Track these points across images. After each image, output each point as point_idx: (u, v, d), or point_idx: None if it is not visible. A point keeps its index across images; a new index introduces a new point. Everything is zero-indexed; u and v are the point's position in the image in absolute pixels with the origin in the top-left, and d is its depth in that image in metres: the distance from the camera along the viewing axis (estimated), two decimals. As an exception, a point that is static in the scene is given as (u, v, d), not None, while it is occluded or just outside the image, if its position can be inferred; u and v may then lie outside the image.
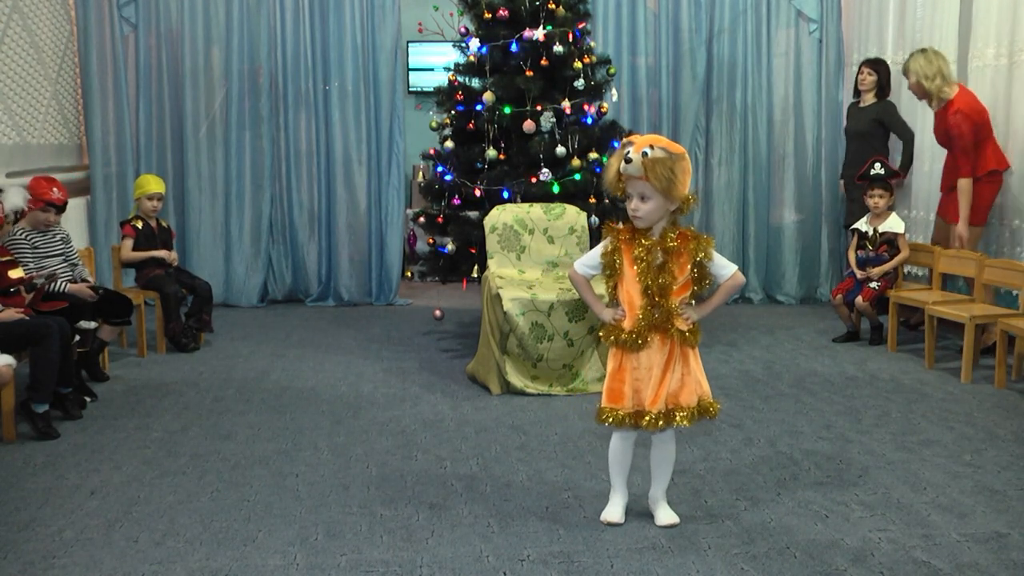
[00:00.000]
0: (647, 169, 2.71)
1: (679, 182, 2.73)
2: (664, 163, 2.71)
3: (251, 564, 2.77)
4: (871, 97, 6.39)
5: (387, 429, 4.08)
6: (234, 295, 7.11)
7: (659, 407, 2.86)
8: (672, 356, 2.88)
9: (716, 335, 6.04)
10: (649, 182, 2.73)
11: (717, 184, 7.29)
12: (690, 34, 7.15)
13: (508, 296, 4.54)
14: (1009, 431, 4.02)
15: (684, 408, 2.88)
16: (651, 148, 2.72)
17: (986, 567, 2.73)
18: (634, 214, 2.80)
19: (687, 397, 2.90)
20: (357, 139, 7.10)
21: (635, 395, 2.90)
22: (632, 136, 2.86)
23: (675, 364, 2.89)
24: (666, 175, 2.70)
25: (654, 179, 2.71)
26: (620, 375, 2.91)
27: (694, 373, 2.92)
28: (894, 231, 5.69)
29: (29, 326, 3.99)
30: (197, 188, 7.03)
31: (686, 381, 2.90)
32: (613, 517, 3.04)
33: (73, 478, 3.48)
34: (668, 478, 3.07)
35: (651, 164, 2.70)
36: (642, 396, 2.89)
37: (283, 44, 7.00)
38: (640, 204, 2.79)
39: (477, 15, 5.54)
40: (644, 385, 2.89)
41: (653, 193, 2.75)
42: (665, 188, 2.72)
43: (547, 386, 4.64)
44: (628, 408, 2.90)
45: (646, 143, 2.75)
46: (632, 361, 2.90)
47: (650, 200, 2.77)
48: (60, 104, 6.53)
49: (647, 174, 2.71)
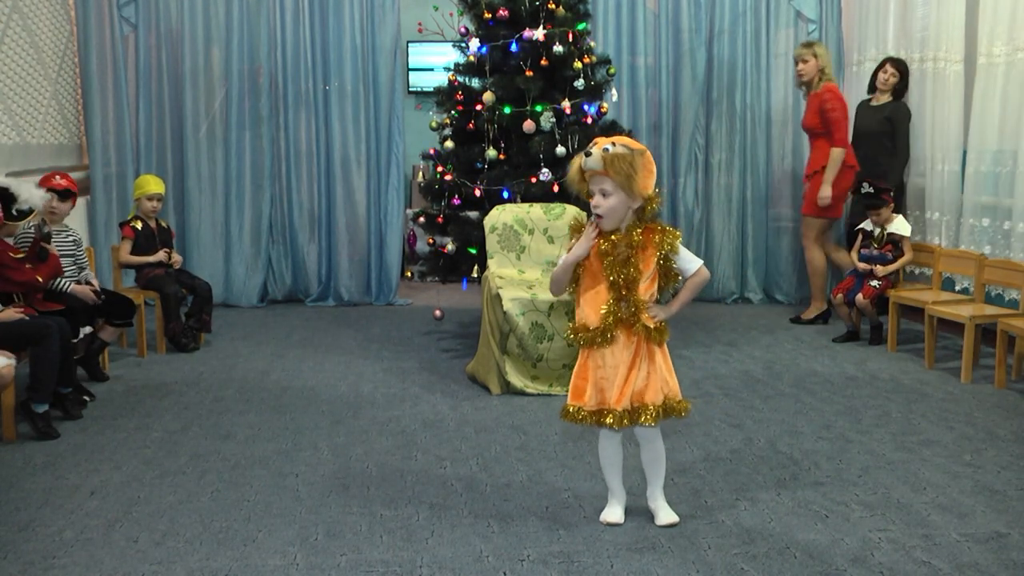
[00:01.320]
0: (606, 163, 2.75)
1: (639, 177, 2.76)
2: (624, 158, 2.75)
3: (251, 564, 2.77)
4: (886, 96, 6.27)
5: (387, 429, 4.08)
6: (234, 295, 7.11)
7: (624, 405, 2.85)
8: (638, 354, 2.88)
9: (716, 335, 6.04)
10: (609, 176, 2.76)
11: (716, 184, 7.30)
12: (690, 34, 7.15)
13: (508, 296, 4.55)
14: (1009, 431, 4.02)
15: (649, 406, 2.86)
16: (612, 145, 2.77)
17: (986, 567, 2.73)
18: (595, 210, 2.82)
19: (652, 395, 2.88)
20: (357, 139, 7.10)
21: (598, 393, 2.90)
22: (597, 138, 2.89)
23: (641, 362, 2.88)
24: (625, 169, 2.74)
25: (613, 173, 2.74)
26: (583, 372, 2.93)
27: (660, 371, 2.90)
28: (900, 233, 5.69)
29: (29, 326, 3.99)
30: (197, 188, 7.03)
31: (651, 380, 2.89)
32: (613, 518, 3.05)
33: (73, 478, 3.48)
34: (662, 477, 3.07)
35: (611, 159, 2.74)
36: (606, 394, 2.89)
37: (283, 44, 7.00)
38: (601, 200, 2.81)
39: (477, 15, 5.54)
40: (608, 384, 2.88)
41: (614, 188, 2.78)
42: (624, 183, 2.75)
43: (547, 386, 4.64)
44: (590, 406, 2.91)
45: (607, 141, 2.80)
46: (596, 360, 2.90)
47: (611, 196, 2.80)
48: (60, 104, 6.53)
49: (607, 168, 2.75)
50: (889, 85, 6.23)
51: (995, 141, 5.54)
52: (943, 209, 6.10)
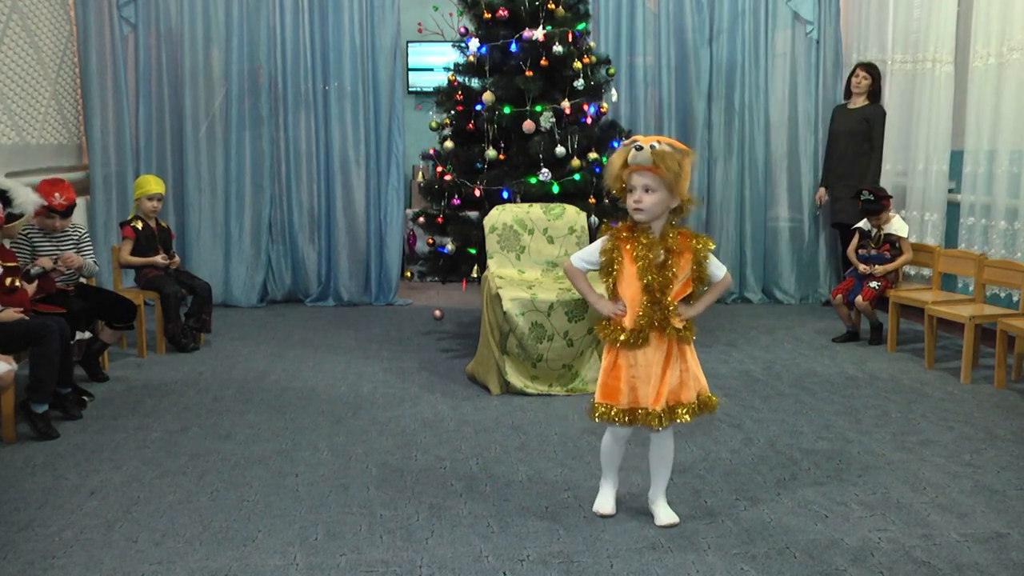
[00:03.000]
0: (657, 159, 2.73)
1: (684, 177, 2.76)
2: (674, 156, 2.74)
3: (251, 564, 2.77)
4: (863, 100, 6.48)
5: (387, 429, 4.08)
6: (234, 295, 7.11)
7: (661, 405, 2.87)
8: (671, 354, 2.90)
9: (716, 335, 6.04)
10: (658, 173, 2.74)
11: (716, 184, 7.30)
12: (689, 34, 7.16)
13: (508, 296, 4.54)
14: (1009, 431, 4.02)
15: (685, 404, 2.90)
16: (659, 143, 2.76)
17: (986, 567, 2.73)
18: (637, 206, 2.79)
19: (687, 394, 2.92)
20: (356, 139, 7.10)
21: (631, 392, 2.91)
22: (636, 136, 2.89)
23: (674, 362, 2.90)
24: (675, 168, 2.73)
25: (664, 169, 2.73)
26: (616, 372, 2.92)
27: (692, 369, 2.94)
28: (898, 233, 5.69)
29: (29, 326, 3.99)
30: (197, 188, 7.03)
31: (685, 378, 2.92)
32: (605, 508, 3.09)
33: (73, 478, 3.48)
34: (667, 477, 3.08)
35: (661, 155, 2.73)
36: (638, 394, 2.90)
37: (283, 44, 7.00)
38: (644, 196, 2.78)
39: (477, 15, 5.54)
40: (641, 383, 2.89)
41: (659, 186, 2.77)
42: (672, 181, 2.74)
43: (547, 386, 4.64)
44: (623, 405, 2.91)
45: (654, 139, 2.78)
46: (628, 359, 2.90)
47: (655, 193, 2.78)
48: (60, 104, 6.53)
49: (657, 163, 2.73)
50: (863, 88, 6.47)
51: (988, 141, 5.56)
52: (930, 208, 6.15)
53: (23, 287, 4.22)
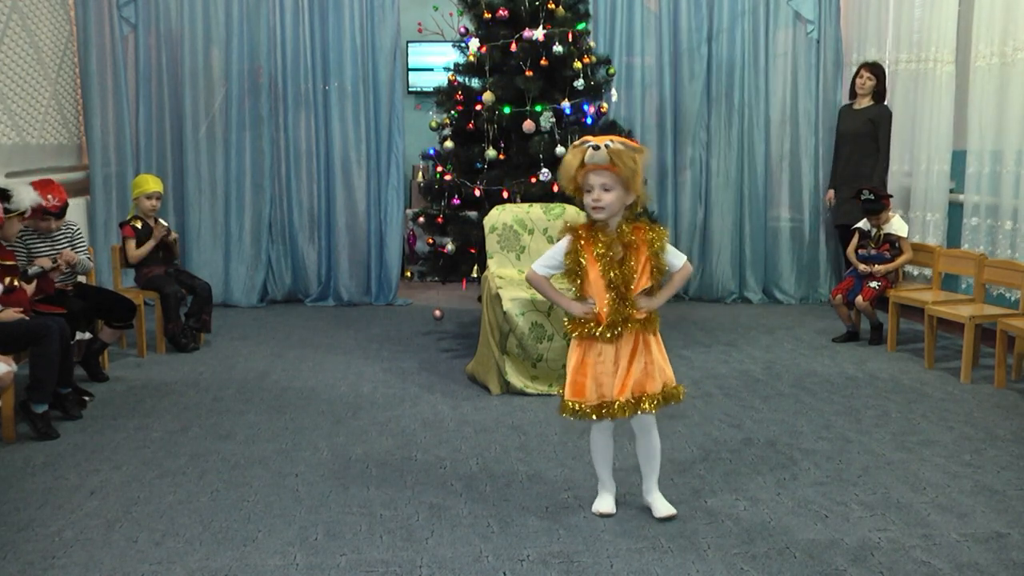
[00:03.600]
0: (614, 157, 2.80)
1: (639, 174, 2.85)
2: (628, 154, 2.82)
3: (251, 564, 2.77)
4: (867, 100, 6.44)
5: (387, 429, 4.08)
6: (234, 295, 7.11)
7: (626, 396, 2.93)
8: (636, 346, 2.96)
9: (716, 335, 6.04)
10: (615, 171, 2.82)
11: (716, 184, 7.30)
12: (689, 34, 7.16)
13: (508, 296, 4.54)
14: (1009, 431, 4.02)
15: (650, 396, 2.95)
16: (612, 142, 2.83)
17: (986, 567, 2.73)
18: (596, 204, 2.87)
19: (653, 385, 2.97)
20: (356, 139, 7.10)
21: (598, 388, 2.97)
22: (586, 136, 2.95)
23: (639, 354, 2.97)
24: (631, 165, 2.82)
25: (621, 167, 2.81)
26: (583, 369, 2.98)
27: (657, 361, 2.99)
28: (897, 233, 5.69)
29: (29, 326, 3.99)
30: (197, 188, 7.03)
31: (650, 370, 2.98)
32: (605, 508, 3.11)
33: (73, 478, 3.48)
34: (657, 470, 3.13)
35: (617, 153, 2.81)
36: (604, 389, 2.96)
37: (283, 44, 7.00)
38: (603, 194, 2.86)
39: (477, 15, 5.54)
40: (607, 377, 2.96)
41: (616, 184, 2.85)
42: (629, 177, 2.83)
43: (547, 386, 4.64)
44: (592, 400, 2.97)
45: (606, 138, 2.86)
46: (594, 355, 2.97)
47: (612, 191, 2.86)
48: (60, 104, 6.53)
49: (614, 162, 2.81)
50: (867, 89, 6.40)
51: (991, 141, 5.56)
52: (932, 208, 6.15)
53: (22, 287, 4.22)
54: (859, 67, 6.50)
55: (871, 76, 6.38)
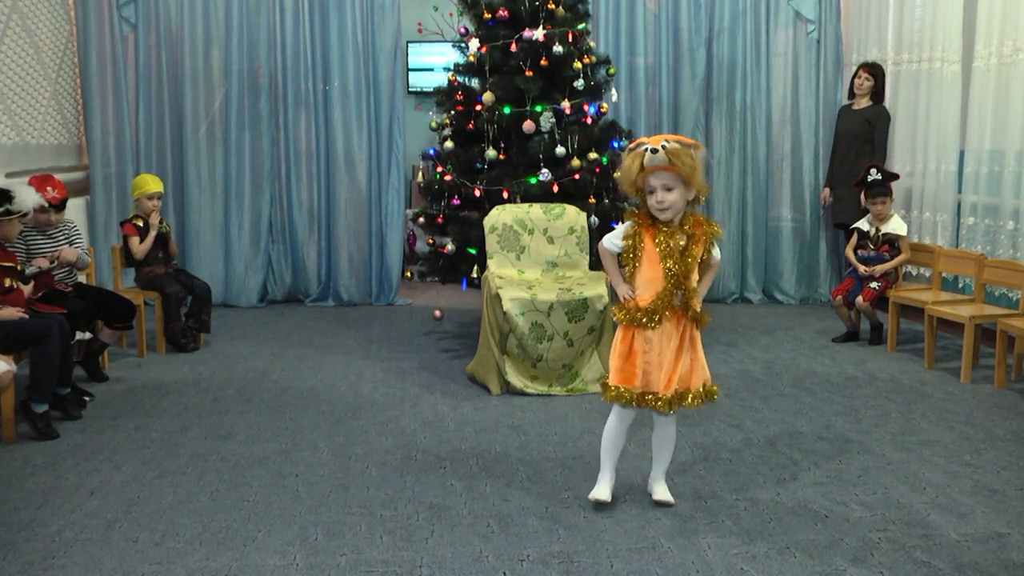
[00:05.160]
0: (672, 157, 2.84)
1: (698, 169, 2.88)
2: (686, 152, 2.86)
3: (251, 564, 2.77)
4: (866, 100, 6.46)
5: (387, 429, 4.08)
6: (234, 295, 7.11)
7: (671, 391, 2.97)
8: (683, 340, 3.00)
9: (716, 335, 6.04)
10: (675, 171, 2.85)
11: (716, 184, 7.29)
12: (690, 34, 7.15)
13: (508, 296, 4.54)
14: (1009, 431, 4.02)
15: (694, 391, 3.00)
16: (668, 142, 2.87)
17: (986, 567, 2.73)
18: (660, 206, 2.91)
19: (696, 381, 3.02)
20: (357, 139, 7.09)
21: (644, 377, 3.01)
22: (640, 139, 2.99)
23: (686, 349, 3.01)
24: (689, 162, 2.86)
25: (681, 165, 2.84)
26: (632, 357, 3.02)
27: (700, 357, 3.05)
28: (896, 233, 5.69)
29: (29, 326, 3.99)
30: (197, 188, 7.03)
31: (695, 366, 3.03)
32: (602, 495, 3.16)
33: (73, 478, 3.48)
34: (668, 461, 3.21)
35: (675, 153, 2.84)
36: (650, 379, 3.00)
37: (283, 44, 6.99)
38: (666, 195, 2.90)
39: (477, 15, 5.54)
40: (654, 368, 2.99)
41: (677, 182, 2.89)
42: (688, 175, 2.86)
43: (547, 386, 4.64)
44: (637, 389, 3.01)
45: (662, 139, 2.90)
46: (643, 343, 3.00)
47: (674, 190, 2.90)
48: (60, 104, 6.53)
49: (673, 162, 2.84)
50: (865, 89, 6.42)
51: (991, 141, 5.55)
52: (939, 209, 6.13)
53: (19, 288, 4.22)
54: (858, 67, 6.52)
55: (869, 76, 6.39)
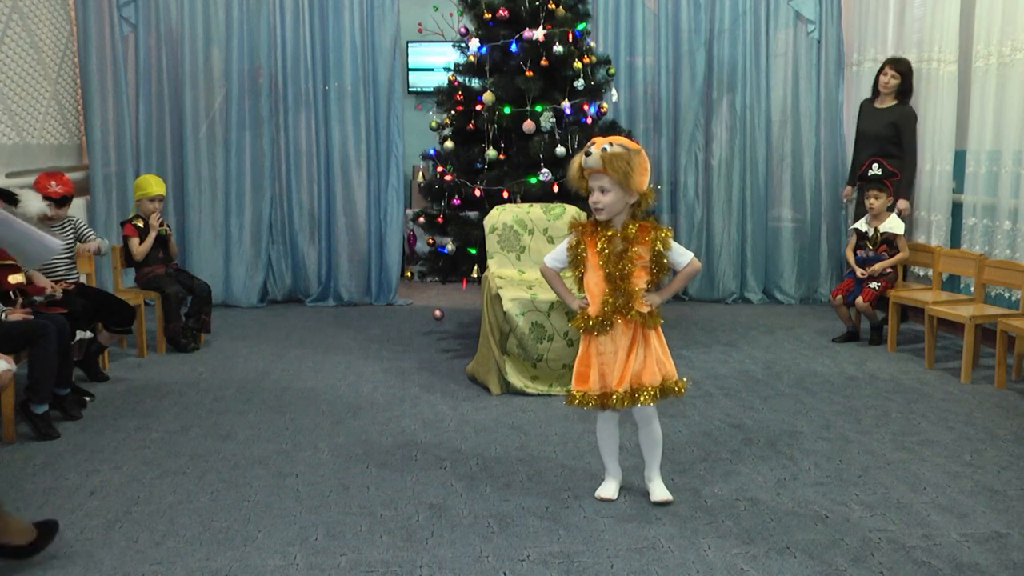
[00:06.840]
0: (605, 162, 2.92)
1: (636, 175, 2.95)
2: (621, 157, 2.93)
3: (251, 564, 2.77)
4: (891, 100, 6.11)
5: (387, 429, 4.08)
6: (234, 295, 7.11)
7: (624, 387, 3.04)
8: (635, 339, 3.07)
9: (716, 335, 6.04)
10: (607, 174, 2.93)
11: (716, 184, 7.30)
12: (690, 34, 7.16)
13: (508, 296, 4.54)
14: (1009, 431, 4.02)
15: (647, 387, 3.04)
16: (610, 145, 2.94)
17: (986, 567, 2.73)
18: (595, 206, 3.02)
19: (649, 377, 3.06)
20: (357, 139, 7.10)
21: (601, 378, 3.09)
22: (594, 139, 3.06)
23: (637, 346, 3.06)
24: (623, 167, 2.92)
25: (612, 171, 2.92)
26: (587, 359, 3.12)
27: (656, 354, 3.09)
28: (894, 231, 5.70)
29: (28, 326, 3.99)
30: (197, 188, 7.03)
31: (648, 362, 3.07)
32: (608, 493, 3.24)
33: (73, 478, 3.48)
34: (658, 458, 3.24)
35: (609, 158, 2.92)
36: (607, 380, 3.08)
37: (283, 44, 7.00)
38: (600, 196, 2.99)
39: (477, 15, 5.54)
40: (608, 368, 3.07)
41: (612, 185, 2.96)
42: (622, 180, 2.93)
43: (547, 386, 4.64)
44: (595, 390, 3.09)
45: (605, 141, 2.98)
46: (598, 346, 3.09)
47: (609, 192, 2.97)
48: (60, 104, 6.53)
49: (605, 166, 2.92)
50: (891, 88, 6.07)
51: (991, 141, 5.56)
52: (935, 209, 6.13)
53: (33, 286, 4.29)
54: (883, 63, 6.14)
55: (896, 75, 6.01)
